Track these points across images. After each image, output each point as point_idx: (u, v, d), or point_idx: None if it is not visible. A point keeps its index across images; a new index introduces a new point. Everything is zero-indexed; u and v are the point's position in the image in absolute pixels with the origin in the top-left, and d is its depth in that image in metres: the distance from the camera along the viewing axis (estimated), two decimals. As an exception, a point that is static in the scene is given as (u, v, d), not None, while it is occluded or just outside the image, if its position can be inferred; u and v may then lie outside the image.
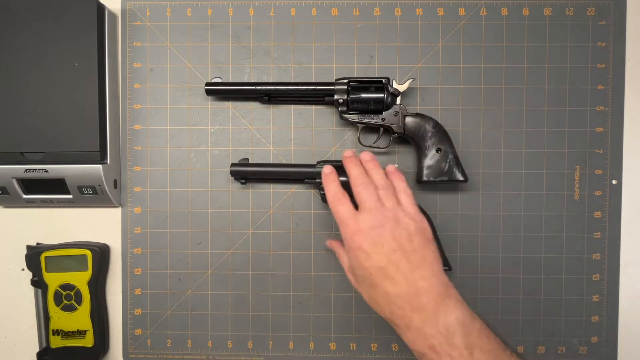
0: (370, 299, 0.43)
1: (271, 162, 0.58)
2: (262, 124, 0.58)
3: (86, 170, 0.54)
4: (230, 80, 0.58)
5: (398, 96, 0.54)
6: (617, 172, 0.57)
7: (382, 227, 0.42)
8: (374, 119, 0.54)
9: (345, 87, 0.54)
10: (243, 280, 0.59)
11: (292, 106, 0.58)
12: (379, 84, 0.53)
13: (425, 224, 0.44)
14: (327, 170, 0.49)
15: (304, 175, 0.55)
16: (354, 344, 0.58)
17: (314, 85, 0.55)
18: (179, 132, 0.59)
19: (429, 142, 0.53)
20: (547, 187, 0.57)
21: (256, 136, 0.58)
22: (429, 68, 0.57)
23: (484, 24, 0.57)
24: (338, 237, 0.50)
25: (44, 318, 0.57)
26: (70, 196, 0.55)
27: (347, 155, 0.50)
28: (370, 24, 0.58)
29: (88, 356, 0.57)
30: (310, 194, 0.58)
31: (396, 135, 0.54)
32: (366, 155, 0.50)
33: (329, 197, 0.47)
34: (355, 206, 0.45)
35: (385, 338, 0.58)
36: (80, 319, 0.57)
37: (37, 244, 0.58)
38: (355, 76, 0.57)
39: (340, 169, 0.53)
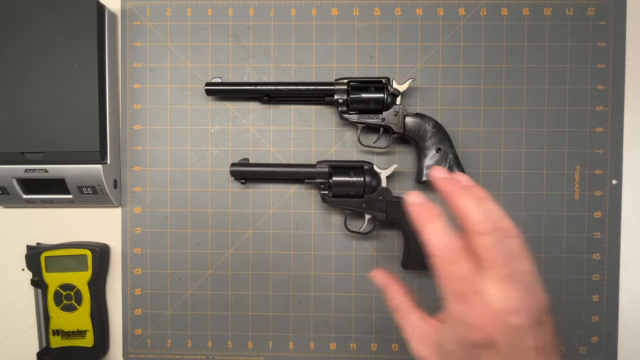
0: None
1: (271, 162, 0.58)
2: (262, 124, 0.58)
3: (86, 170, 0.54)
4: (230, 80, 0.58)
5: (398, 96, 0.54)
6: (617, 172, 0.57)
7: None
8: (374, 119, 0.54)
9: (345, 87, 0.54)
10: (243, 280, 0.59)
11: (292, 106, 0.58)
12: (379, 84, 0.53)
13: None
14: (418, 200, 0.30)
15: (304, 175, 0.55)
16: (354, 344, 0.58)
17: (314, 85, 0.55)
18: (179, 132, 0.59)
19: (429, 142, 0.53)
20: (547, 187, 0.57)
21: (256, 136, 0.58)
22: (429, 68, 0.57)
23: (484, 24, 0.57)
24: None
25: (44, 318, 0.57)
26: (70, 196, 0.55)
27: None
28: (370, 24, 0.58)
29: (88, 356, 0.57)
30: (310, 194, 0.58)
31: (396, 135, 0.54)
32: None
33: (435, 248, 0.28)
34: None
35: (385, 338, 0.58)
36: (80, 319, 0.57)
37: (37, 244, 0.58)
38: (355, 76, 0.57)
39: (340, 168, 0.53)
